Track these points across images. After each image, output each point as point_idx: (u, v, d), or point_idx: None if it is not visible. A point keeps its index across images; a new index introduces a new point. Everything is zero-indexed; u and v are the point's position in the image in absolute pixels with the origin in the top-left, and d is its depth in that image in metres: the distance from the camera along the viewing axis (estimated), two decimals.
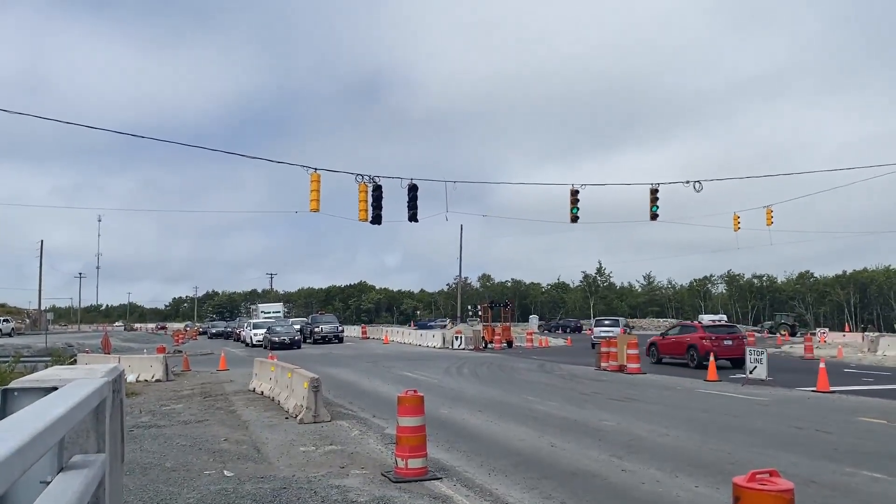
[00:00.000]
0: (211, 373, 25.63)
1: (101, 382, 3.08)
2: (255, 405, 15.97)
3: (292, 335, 45.04)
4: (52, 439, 2.12)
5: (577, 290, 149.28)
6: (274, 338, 43.62)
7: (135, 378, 22.24)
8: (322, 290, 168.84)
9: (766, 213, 33.93)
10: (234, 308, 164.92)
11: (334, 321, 57.70)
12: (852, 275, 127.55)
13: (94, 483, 2.76)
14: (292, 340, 44.03)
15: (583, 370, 25.74)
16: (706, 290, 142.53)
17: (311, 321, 57.31)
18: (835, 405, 15.32)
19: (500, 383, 21.28)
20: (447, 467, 9.31)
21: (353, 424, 13.08)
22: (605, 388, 19.34)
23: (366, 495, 7.62)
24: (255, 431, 12.40)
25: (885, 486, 7.96)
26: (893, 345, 31.66)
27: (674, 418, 13.57)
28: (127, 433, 11.82)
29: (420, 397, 8.90)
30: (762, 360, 20.49)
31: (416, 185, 26.94)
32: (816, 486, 7.94)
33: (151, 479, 8.53)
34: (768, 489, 4.22)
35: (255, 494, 7.67)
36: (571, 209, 30.16)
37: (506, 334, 45.27)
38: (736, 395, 17.31)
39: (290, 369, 15.69)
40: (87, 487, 2.63)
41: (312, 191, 24.47)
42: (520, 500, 7.65)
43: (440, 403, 15.79)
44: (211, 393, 18.82)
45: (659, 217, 30.65)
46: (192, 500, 7.46)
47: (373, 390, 19.47)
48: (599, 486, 8.27)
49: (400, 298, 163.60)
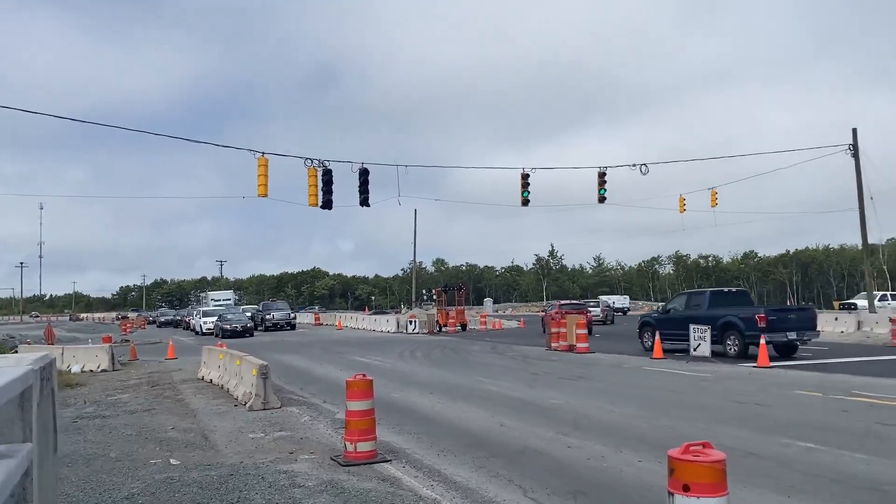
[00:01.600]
0: (159, 362, 25.18)
1: (26, 370, 3.00)
2: (204, 393, 15.77)
3: (244, 323, 44.25)
4: None
5: (530, 273, 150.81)
6: (225, 325, 42.99)
7: (80, 368, 21.72)
8: (274, 276, 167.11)
9: (711, 194, 34.76)
10: (183, 296, 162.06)
11: (286, 308, 56.96)
12: (794, 254, 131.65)
13: (17, 473, 2.70)
14: (244, 328, 43.24)
15: (534, 351, 26.05)
16: (654, 270, 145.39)
17: (262, 308, 56.60)
18: (774, 380, 15.82)
19: (452, 366, 21.40)
20: (397, 450, 9.35)
21: (304, 410, 13.02)
22: (555, 368, 19.62)
23: (314, 479, 7.62)
24: (203, 419, 12.25)
25: (819, 456, 8.28)
26: (830, 321, 32.79)
27: (620, 395, 13.85)
28: (70, 424, 11.62)
29: (369, 381, 8.90)
30: (706, 337, 21.02)
31: (367, 170, 26.82)
32: (755, 458, 8.21)
33: (95, 470, 8.38)
34: (701, 460, 4.35)
35: (202, 482, 7.59)
36: (522, 193, 30.42)
37: (460, 317, 45.49)
38: (680, 372, 17.74)
39: (239, 357, 15.51)
40: (10, 477, 2.57)
41: (260, 175, 24.18)
42: (467, 479, 7.74)
43: (392, 387, 15.83)
44: (158, 382, 18.50)
45: (607, 200, 31.16)
46: (136, 490, 7.35)
47: (324, 376, 19.39)
48: (546, 463, 8.41)
49: (354, 284, 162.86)
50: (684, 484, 4.31)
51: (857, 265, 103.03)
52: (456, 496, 7.08)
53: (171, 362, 24.77)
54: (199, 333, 48.37)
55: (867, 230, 35.23)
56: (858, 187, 34.72)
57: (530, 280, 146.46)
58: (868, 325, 30.27)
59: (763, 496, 6.70)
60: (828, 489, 6.89)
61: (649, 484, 7.28)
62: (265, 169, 24.37)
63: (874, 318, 30.79)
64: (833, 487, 6.94)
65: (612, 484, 7.40)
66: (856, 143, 34.59)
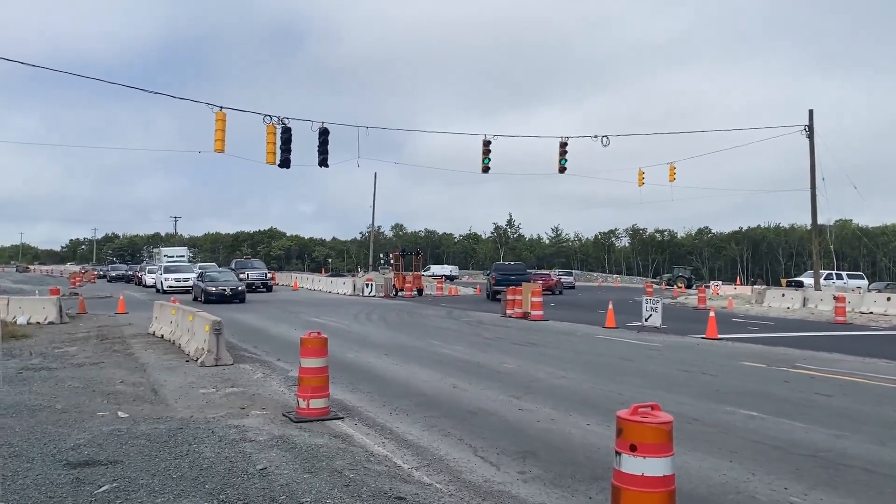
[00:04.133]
0: (109, 316, 24.74)
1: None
2: (155, 348, 15.55)
3: (235, 286, 34.50)
4: None
5: (487, 241, 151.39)
6: (210, 287, 33.41)
7: (26, 320, 21.20)
8: (230, 235, 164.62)
9: (669, 169, 35.13)
10: (135, 251, 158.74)
11: (262, 267, 51.16)
12: (746, 231, 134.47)
13: None
14: (234, 291, 33.60)
15: (489, 317, 26.27)
16: (610, 243, 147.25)
17: (235, 266, 50.52)
18: (721, 351, 16.25)
19: (407, 329, 21.47)
20: (349, 408, 9.38)
21: (257, 367, 12.95)
22: (509, 334, 19.83)
23: (265, 434, 7.59)
24: (152, 374, 12.10)
25: (759, 423, 8.55)
26: (778, 297, 33.75)
27: (571, 362, 14.09)
28: (15, 376, 11.39)
29: (324, 339, 8.87)
30: (657, 309, 21.45)
31: (327, 129, 26.41)
32: (699, 424, 8.45)
33: (40, 421, 8.22)
34: (649, 421, 4.44)
35: (150, 434, 7.51)
36: (483, 160, 30.33)
37: (416, 282, 45.60)
38: (631, 341, 18.10)
39: (192, 312, 15.31)
40: None
41: (217, 130, 23.66)
42: (419, 438, 7.81)
43: (347, 348, 15.82)
44: (108, 336, 18.18)
45: (567, 171, 31.28)
46: (82, 441, 7.24)
47: (278, 335, 19.29)
48: (496, 423, 8.52)
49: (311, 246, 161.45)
50: (631, 444, 4.40)
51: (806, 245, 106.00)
52: (407, 454, 7.14)
53: (122, 317, 24.35)
54: (159, 291, 41.63)
55: (817, 210, 36.14)
56: (811, 168, 35.50)
57: (488, 248, 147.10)
58: (813, 302, 31.22)
59: (705, 460, 6.90)
60: (767, 455, 7.12)
61: (596, 445, 7.45)
62: (223, 124, 23.83)
63: (819, 296, 31.77)
64: (773, 453, 7.18)
65: (561, 445, 7.54)
66: (811, 124, 35.27)
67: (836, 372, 12.84)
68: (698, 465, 6.73)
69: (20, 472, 6.09)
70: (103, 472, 6.14)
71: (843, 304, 25.80)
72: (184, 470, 6.22)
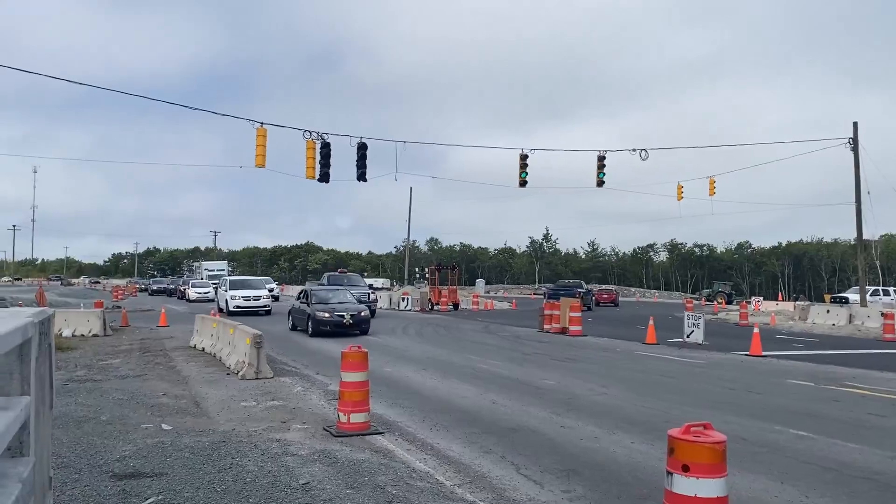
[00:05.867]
0: (150, 329, 25.12)
1: (26, 321, 2.93)
2: (196, 361, 15.73)
3: (356, 309, 23.72)
4: None
5: (523, 256, 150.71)
6: (322, 313, 22.86)
7: (71, 332, 21.64)
8: (267, 249, 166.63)
9: (709, 183, 34.64)
10: (175, 265, 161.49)
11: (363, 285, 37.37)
12: (787, 246, 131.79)
13: (15, 424, 2.64)
14: (357, 319, 23.12)
15: (526, 332, 26.08)
16: (648, 257, 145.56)
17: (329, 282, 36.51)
18: (766, 368, 15.87)
19: (444, 343, 21.41)
20: (389, 423, 9.34)
21: (296, 381, 13.00)
22: (548, 349, 19.65)
23: (307, 448, 7.59)
24: (194, 387, 12.22)
25: (810, 443, 8.30)
26: (822, 313, 32.93)
27: (612, 378, 13.88)
28: (61, 387, 11.56)
29: (364, 353, 8.86)
30: (699, 325, 21.08)
31: (365, 144, 26.60)
32: (746, 443, 8.23)
33: (86, 432, 8.34)
34: (702, 441, 4.33)
35: (194, 447, 7.56)
36: (520, 173, 30.25)
37: (452, 296, 45.52)
38: (673, 357, 17.79)
39: (233, 326, 15.46)
40: (8, 428, 2.51)
41: (258, 146, 23.97)
42: (460, 454, 7.73)
43: (385, 362, 15.82)
44: (150, 349, 18.45)
45: (605, 184, 31.03)
46: (127, 453, 7.32)
47: (317, 348, 19.37)
48: (538, 440, 8.41)
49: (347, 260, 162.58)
50: (684, 464, 4.29)
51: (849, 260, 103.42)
52: (449, 470, 7.07)
53: (163, 330, 24.71)
54: (223, 312, 31.57)
55: (862, 224, 35.28)
56: (856, 181, 34.69)
57: (523, 262, 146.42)
58: (859, 318, 30.39)
59: (755, 481, 6.70)
60: (820, 477, 6.90)
61: (642, 464, 7.30)
62: (264, 139, 24.15)
63: (865, 312, 30.92)
64: (826, 475, 6.95)
65: (606, 463, 7.40)
66: (856, 137, 34.51)
67: (889, 391, 12.44)
68: (748, 486, 6.54)
69: (68, 483, 6.17)
70: (149, 485, 6.19)
71: (893, 322, 25.06)
72: (228, 483, 6.23)
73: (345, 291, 26.83)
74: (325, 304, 23.69)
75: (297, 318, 25.08)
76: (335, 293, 25.87)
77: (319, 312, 22.94)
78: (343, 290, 27.50)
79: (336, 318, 22.73)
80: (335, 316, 22.81)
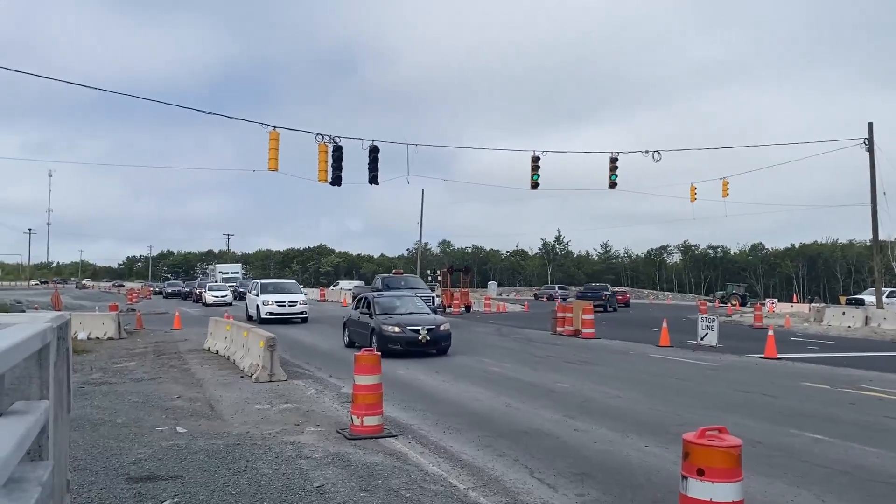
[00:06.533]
0: (165, 332, 25.27)
1: (45, 326, 2.97)
2: (210, 364, 15.81)
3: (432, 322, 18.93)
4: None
5: (535, 258, 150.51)
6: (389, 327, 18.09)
7: (86, 336, 21.81)
8: (280, 252, 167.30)
9: (723, 184, 34.47)
10: (189, 268, 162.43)
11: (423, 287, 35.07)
12: (801, 248, 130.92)
13: (35, 429, 2.67)
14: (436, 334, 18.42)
15: (539, 334, 26.02)
16: (661, 259, 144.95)
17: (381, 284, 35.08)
18: (781, 371, 15.76)
19: (456, 346, 21.38)
20: (403, 425, 9.35)
21: (310, 384, 13.05)
22: (560, 352, 19.60)
23: (321, 451, 7.62)
24: (209, 389, 12.28)
25: (827, 447, 8.24)
26: (838, 315, 32.66)
27: (626, 381, 13.83)
28: (77, 390, 11.64)
29: (377, 356, 8.89)
30: (713, 327, 20.97)
31: (377, 147, 26.67)
32: (762, 447, 8.18)
33: (101, 435, 8.40)
34: (717, 445, 4.31)
35: (209, 450, 7.61)
36: (532, 175, 30.21)
37: (464, 299, 45.48)
38: (686, 360, 17.70)
39: (247, 329, 15.55)
40: (29, 433, 2.54)
41: (271, 149, 24.10)
42: (473, 457, 7.73)
43: (397, 365, 15.82)
44: (164, 351, 18.57)
45: (617, 186, 30.93)
46: (143, 456, 7.37)
47: (329, 351, 19.43)
48: (551, 444, 8.39)
49: (359, 262, 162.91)
50: (699, 468, 4.27)
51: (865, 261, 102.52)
52: (462, 473, 7.07)
53: (178, 332, 24.85)
54: (252, 320, 28.95)
55: (878, 226, 34.97)
56: (872, 182, 34.39)
57: (535, 265, 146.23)
58: (876, 320, 30.12)
59: (771, 485, 6.66)
60: (837, 480, 6.85)
61: (656, 468, 7.27)
62: (276, 143, 24.27)
63: (882, 314, 30.64)
64: (843, 479, 6.90)
65: (619, 467, 7.37)
66: (871, 137, 34.22)
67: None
68: (764, 490, 6.50)
69: (85, 486, 6.22)
70: (164, 487, 6.23)
71: None
72: (242, 486, 6.26)
73: (413, 298, 21.41)
74: (392, 315, 18.82)
75: (355, 332, 20.09)
76: (403, 301, 20.60)
77: (387, 327, 17.96)
78: (410, 296, 22.19)
79: (409, 335, 17.81)
80: (408, 331, 17.87)
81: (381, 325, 18.09)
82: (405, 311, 19.44)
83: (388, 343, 17.43)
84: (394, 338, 17.77)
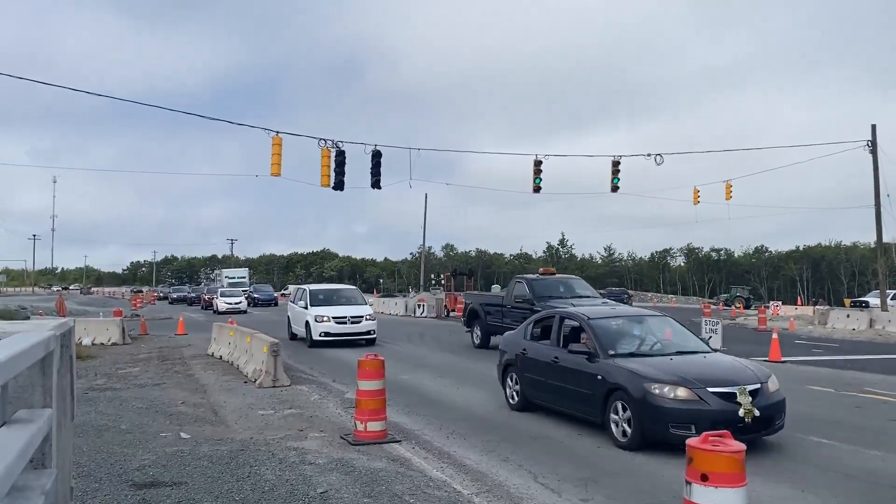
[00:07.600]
0: (169, 337, 25.29)
1: (48, 335, 2.97)
2: (214, 369, 15.82)
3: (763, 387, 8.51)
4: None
5: (539, 261, 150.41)
6: (676, 395, 8.09)
7: (91, 341, 21.84)
8: (284, 257, 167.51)
9: (726, 187, 34.48)
10: (193, 273, 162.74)
11: (592, 294, 23.02)
12: (805, 250, 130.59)
13: (38, 437, 2.67)
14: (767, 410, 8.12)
15: None
16: (665, 262, 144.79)
17: (530, 291, 21.14)
18: (786, 374, 15.67)
19: (460, 350, 21.37)
20: (406, 431, 9.35)
21: (313, 389, 13.04)
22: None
23: (324, 457, 7.61)
24: (212, 395, 12.29)
25: (832, 451, 8.21)
26: (842, 318, 32.57)
27: None
28: (82, 396, 11.66)
29: (380, 361, 8.88)
30: (717, 330, 20.90)
31: (379, 152, 26.71)
32: (766, 451, 8.15)
33: (106, 441, 8.40)
34: (720, 450, 4.30)
35: (212, 456, 7.61)
36: (535, 179, 30.24)
37: None
38: None
39: (250, 334, 15.55)
40: (32, 441, 2.55)
41: (273, 154, 24.14)
42: (477, 463, 7.72)
43: (401, 369, 15.82)
44: (168, 357, 18.58)
45: (620, 189, 30.94)
46: (147, 462, 7.37)
47: (333, 356, 19.40)
48: (556, 449, 8.38)
49: (363, 266, 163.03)
50: (703, 473, 4.27)
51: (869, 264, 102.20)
52: (466, 479, 7.06)
53: (182, 338, 24.87)
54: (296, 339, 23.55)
55: (882, 228, 34.90)
56: (875, 184, 34.33)
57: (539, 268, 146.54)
58: (880, 323, 30.03)
59: (776, 489, 6.64)
60: (843, 485, 6.82)
61: (660, 473, 7.25)
62: (279, 148, 24.31)
63: (886, 317, 30.55)
64: (848, 483, 6.87)
65: (624, 472, 7.36)
66: (875, 139, 34.18)
67: None
68: (769, 494, 6.49)
69: (89, 492, 6.22)
70: (168, 494, 6.23)
71: None
72: (246, 492, 6.26)
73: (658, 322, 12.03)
74: (658, 367, 8.82)
75: (536, 381, 10.67)
76: (633, 324, 11.42)
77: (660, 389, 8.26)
78: (646, 317, 12.39)
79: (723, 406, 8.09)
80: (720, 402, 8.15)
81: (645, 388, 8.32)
82: (665, 348, 10.21)
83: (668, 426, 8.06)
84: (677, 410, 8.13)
